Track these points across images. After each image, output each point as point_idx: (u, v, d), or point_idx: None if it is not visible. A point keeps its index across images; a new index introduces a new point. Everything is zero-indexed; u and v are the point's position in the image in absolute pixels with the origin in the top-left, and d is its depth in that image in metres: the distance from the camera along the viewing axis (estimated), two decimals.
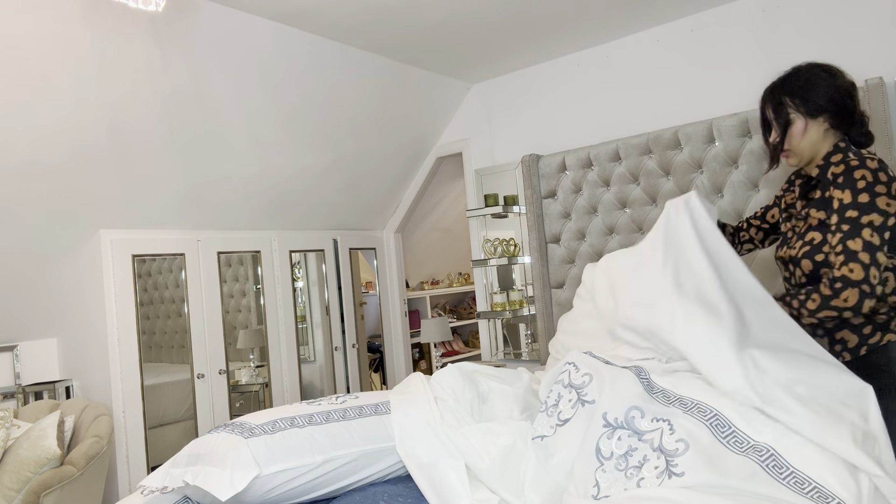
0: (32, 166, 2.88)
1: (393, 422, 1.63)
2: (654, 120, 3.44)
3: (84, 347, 3.53)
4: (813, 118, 1.77)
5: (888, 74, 2.74)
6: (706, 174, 3.09)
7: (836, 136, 1.79)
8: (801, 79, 1.80)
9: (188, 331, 3.72)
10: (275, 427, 1.51)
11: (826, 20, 2.96)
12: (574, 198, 3.54)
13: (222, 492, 1.35)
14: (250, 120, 3.43)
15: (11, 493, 2.67)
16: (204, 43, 2.95)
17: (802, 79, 1.80)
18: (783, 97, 1.80)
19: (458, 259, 6.64)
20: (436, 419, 1.62)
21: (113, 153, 3.07)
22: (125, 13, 2.63)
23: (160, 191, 3.42)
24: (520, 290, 4.00)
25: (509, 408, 1.75)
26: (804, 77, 1.80)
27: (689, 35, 3.36)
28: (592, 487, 1.40)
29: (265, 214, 4.08)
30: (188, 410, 3.72)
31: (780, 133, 1.80)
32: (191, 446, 1.56)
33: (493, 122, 4.22)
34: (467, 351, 6.38)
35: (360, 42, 3.41)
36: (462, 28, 3.30)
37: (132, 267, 3.49)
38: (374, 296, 5.05)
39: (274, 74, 3.32)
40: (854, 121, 1.78)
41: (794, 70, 1.84)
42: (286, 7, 2.91)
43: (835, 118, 1.77)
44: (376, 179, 4.52)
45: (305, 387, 4.38)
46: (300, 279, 4.57)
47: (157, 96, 3.00)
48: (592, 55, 3.72)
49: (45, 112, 2.74)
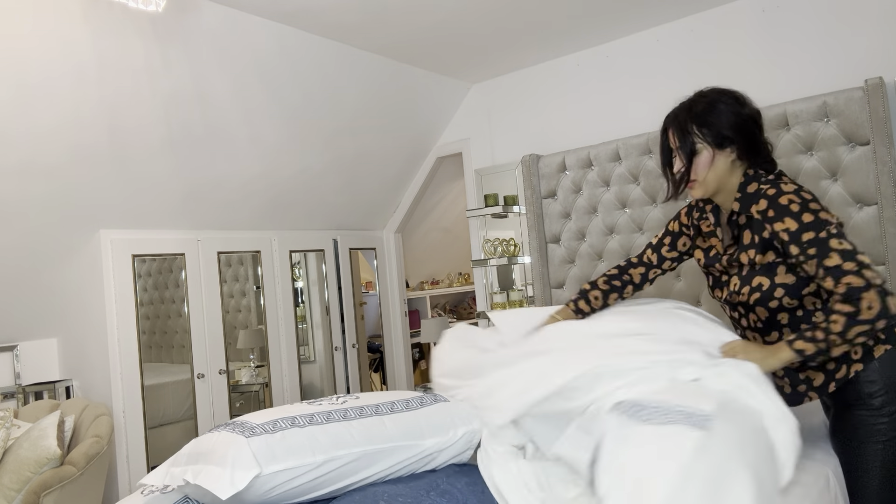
0: (32, 166, 2.88)
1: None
2: (654, 120, 3.41)
3: (84, 347, 3.53)
4: (720, 149, 1.67)
5: (888, 74, 2.74)
6: None
7: (742, 165, 1.71)
8: (708, 106, 1.68)
9: (188, 331, 3.72)
10: (276, 426, 1.51)
11: (826, 20, 2.96)
12: (574, 198, 3.54)
13: (223, 490, 1.35)
14: (250, 120, 3.43)
15: (11, 492, 2.67)
16: (204, 43, 2.95)
17: (709, 106, 1.68)
18: (689, 125, 1.69)
19: (458, 259, 6.64)
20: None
21: (113, 153, 3.07)
22: (125, 13, 2.63)
23: (160, 191, 3.42)
24: (520, 290, 4.00)
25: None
26: (710, 105, 1.68)
27: (689, 35, 3.36)
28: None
29: (265, 214, 4.08)
30: (188, 410, 3.72)
31: (685, 162, 1.70)
32: (191, 445, 1.56)
33: (493, 122, 4.22)
34: None
35: (360, 42, 3.41)
36: (462, 28, 3.30)
37: (132, 267, 3.49)
38: (374, 296, 5.05)
39: (274, 74, 3.32)
40: (759, 150, 1.70)
41: (698, 96, 1.73)
42: (286, 7, 2.91)
43: (741, 149, 1.67)
44: (376, 179, 4.52)
45: (305, 387, 4.38)
46: (300, 279, 4.57)
47: (157, 96, 3.00)
48: (592, 55, 3.72)
49: (44, 112, 2.74)
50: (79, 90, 2.76)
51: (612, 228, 3.41)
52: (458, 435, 1.70)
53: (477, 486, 1.64)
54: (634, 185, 3.32)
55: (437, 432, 1.67)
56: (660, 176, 3.24)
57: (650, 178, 3.26)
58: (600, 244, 3.45)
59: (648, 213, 3.27)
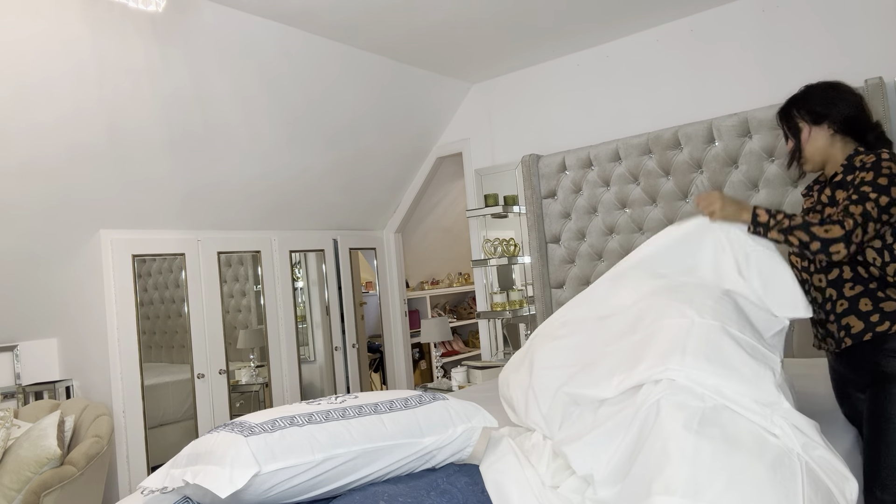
0: (32, 166, 2.88)
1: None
2: (654, 120, 3.44)
3: (84, 347, 3.53)
4: (817, 125, 1.92)
5: (888, 74, 2.74)
6: (706, 174, 3.09)
7: (849, 142, 1.91)
8: (807, 93, 1.97)
9: (188, 331, 3.72)
10: (274, 426, 1.51)
11: (826, 20, 2.96)
12: (574, 198, 3.54)
13: (222, 489, 1.35)
14: (250, 120, 3.43)
15: (12, 492, 2.67)
16: (204, 43, 2.95)
17: (808, 92, 1.96)
18: (791, 109, 1.98)
19: (458, 259, 6.63)
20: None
21: (113, 153, 3.07)
22: (125, 13, 2.63)
23: (160, 191, 3.42)
24: (520, 290, 4.00)
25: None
26: (809, 91, 1.97)
27: (689, 35, 3.36)
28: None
29: (265, 214, 4.09)
30: (188, 410, 3.72)
31: (794, 141, 1.98)
32: (191, 447, 1.56)
33: (493, 122, 4.22)
34: (467, 351, 6.38)
35: (360, 42, 3.41)
36: (462, 28, 3.30)
37: (132, 267, 3.49)
38: (374, 296, 5.06)
39: (274, 74, 3.32)
40: (865, 126, 1.90)
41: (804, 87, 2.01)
42: (286, 7, 2.91)
43: (838, 123, 1.89)
44: (376, 179, 4.53)
45: (305, 387, 4.38)
46: (300, 279, 4.57)
47: (157, 96, 3.00)
48: (592, 55, 3.73)
49: (44, 112, 2.74)
50: (79, 90, 2.76)
51: (612, 228, 3.41)
52: (458, 433, 1.70)
53: (477, 486, 1.64)
54: (634, 185, 3.32)
55: (435, 430, 1.68)
56: (659, 176, 3.25)
57: (650, 178, 3.26)
58: (600, 244, 3.45)
59: (648, 213, 3.27)
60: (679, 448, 1.35)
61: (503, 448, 1.75)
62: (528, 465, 1.68)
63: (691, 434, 1.37)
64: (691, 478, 1.29)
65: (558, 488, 1.63)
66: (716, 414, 1.45)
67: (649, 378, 1.59)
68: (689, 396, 1.49)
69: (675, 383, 1.54)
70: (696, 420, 1.42)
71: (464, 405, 1.78)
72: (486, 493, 1.61)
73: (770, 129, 2.89)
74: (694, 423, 1.40)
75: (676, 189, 3.18)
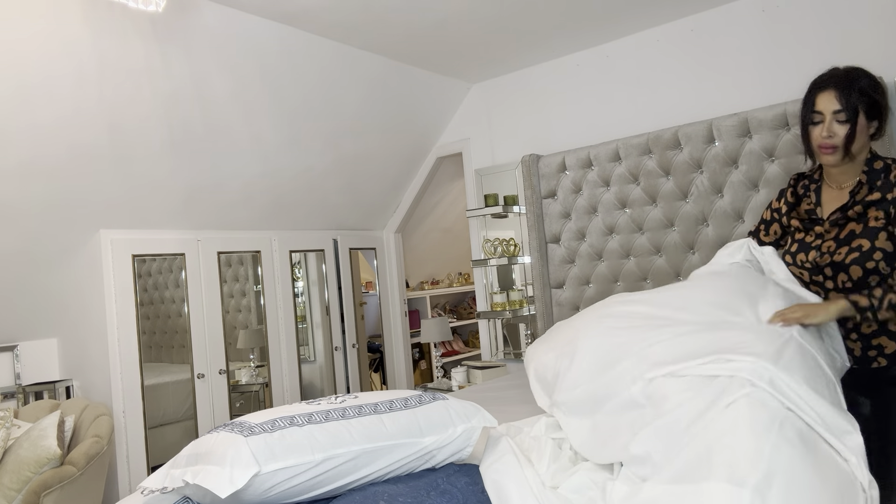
0: (32, 167, 2.88)
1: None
2: (654, 120, 3.44)
3: (84, 347, 3.53)
4: (869, 121, 1.80)
5: (888, 74, 2.74)
6: (706, 174, 3.09)
7: (869, 143, 1.84)
8: (871, 80, 1.81)
9: (188, 331, 3.72)
10: (274, 426, 1.51)
11: (826, 20, 2.96)
12: (574, 198, 3.54)
13: (222, 489, 1.35)
14: (250, 120, 3.43)
15: (12, 492, 2.67)
16: (204, 43, 2.95)
17: (871, 80, 1.81)
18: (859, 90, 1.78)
19: (458, 259, 6.63)
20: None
21: (113, 153, 3.07)
22: (125, 13, 2.63)
23: (160, 191, 3.42)
24: (520, 290, 4.00)
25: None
26: (872, 80, 1.82)
27: (689, 35, 3.36)
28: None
29: (265, 214, 4.09)
30: (188, 410, 3.72)
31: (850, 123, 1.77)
32: (190, 447, 1.56)
33: (493, 122, 4.22)
34: (467, 351, 6.38)
35: (360, 42, 3.41)
36: (462, 28, 3.30)
37: (132, 267, 3.49)
38: (374, 296, 5.06)
39: (274, 75, 3.32)
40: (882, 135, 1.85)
41: (853, 69, 1.84)
42: (286, 7, 2.91)
43: (876, 128, 1.81)
44: (376, 179, 4.53)
45: (305, 387, 4.39)
46: (300, 279, 4.57)
47: (157, 96, 3.00)
48: (592, 55, 3.73)
49: (45, 112, 2.74)
50: (79, 90, 2.76)
51: (612, 228, 3.41)
52: (458, 433, 1.70)
53: (477, 486, 1.65)
54: (634, 185, 3.32)
55: (435, 430, 1.68)
56: (659, 176, 3.24)
57: (650, 178, 3.26)
58: (600, 244, 3.45)
59: (648, 213, 3.27)
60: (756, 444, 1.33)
61: (502, 448, 1.74)
62: (527, 465, 1.67)
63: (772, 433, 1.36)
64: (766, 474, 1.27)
65: (558, 488, 1.63)
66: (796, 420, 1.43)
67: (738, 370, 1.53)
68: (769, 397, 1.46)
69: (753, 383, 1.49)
70: (778, 421, 1.39)
71: (464, 405, 1.78)
72: (485, 493, 1.61)
73: (770, 129, 2.89)
74: (776, 424, 1.38)
75: (676, 189, 3.18)
